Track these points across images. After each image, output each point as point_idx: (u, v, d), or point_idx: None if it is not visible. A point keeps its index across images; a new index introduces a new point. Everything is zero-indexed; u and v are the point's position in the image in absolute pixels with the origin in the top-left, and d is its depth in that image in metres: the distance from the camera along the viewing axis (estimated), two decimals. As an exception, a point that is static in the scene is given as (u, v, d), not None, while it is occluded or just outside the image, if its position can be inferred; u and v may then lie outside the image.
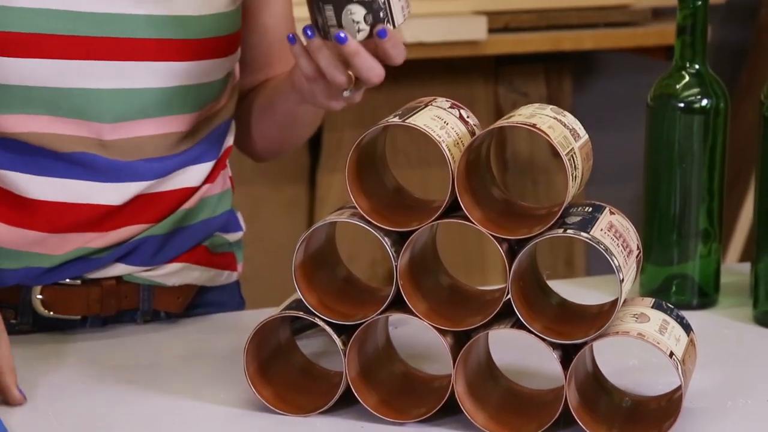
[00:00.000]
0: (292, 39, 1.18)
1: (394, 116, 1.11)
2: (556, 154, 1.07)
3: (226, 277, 1.41)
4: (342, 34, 1.13)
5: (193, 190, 1.33)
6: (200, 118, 1.32)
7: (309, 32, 1.15)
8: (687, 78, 1.36)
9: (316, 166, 2.75)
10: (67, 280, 1.31)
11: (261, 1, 1.37)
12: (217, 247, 1.39)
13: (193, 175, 1.32)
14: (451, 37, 2.42)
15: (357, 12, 1.11)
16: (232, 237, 1.41)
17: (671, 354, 1.07)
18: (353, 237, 1.15)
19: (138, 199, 1.29)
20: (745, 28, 2.98)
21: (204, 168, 1.33)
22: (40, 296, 1.31)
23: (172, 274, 1.34)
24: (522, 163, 2.85)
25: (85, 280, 1.31)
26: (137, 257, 1.31)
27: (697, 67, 1.36)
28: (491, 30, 2.48)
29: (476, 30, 2.44)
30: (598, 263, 1.10)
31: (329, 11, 1.11)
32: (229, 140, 1.38)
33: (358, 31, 1.12)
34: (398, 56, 1.16)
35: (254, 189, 2.68)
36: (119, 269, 1.32)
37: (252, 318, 1.35)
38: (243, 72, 1.40)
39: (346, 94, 1.19)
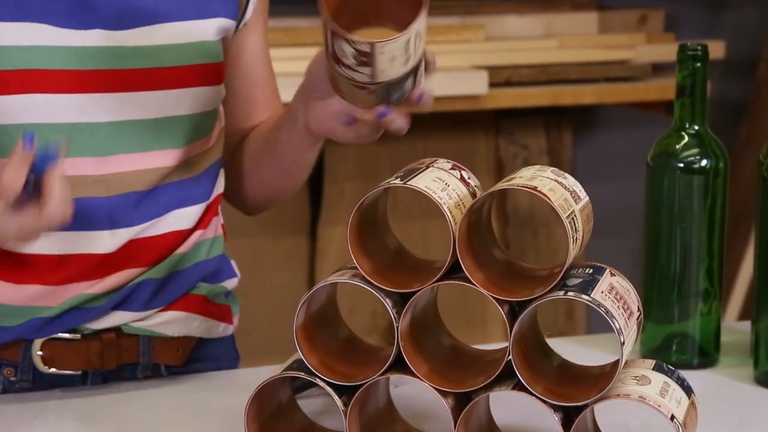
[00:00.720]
0: (350, 122, 1.22)
1: (396, 178, 1.12)
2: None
3: (222, 329, 1.41)
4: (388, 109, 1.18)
5: (185, 234, 1.34)
6: (191, 153, 1.33)
7: (385, 112, 1.18)
8: (686, 138, 1.37)
9: (317, 218, 2.75)
10: (67, 335, 1.31)
11: (240, 44, 1.39)
12: (214, 297, 1.39)
13: (184, 217, 1.34)
14: (452, 92, 2.44)
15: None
16: (229, 284, 1.41)
17: (672, 417, 1.07)
18: (353, 289, 1.16)
19: (131, 244, 1.30)
20: (744, 83, 2.99)
21: (195, 210, 1.35)
22: (40, 352, 1.31)
23: (171, 322, 1.35)
24: (522, 216, 2.86)
25: (84, 335, 1.32)
26: (134, 303, 1.32)
27: (696, 128, 1.37)
28: (492, 84, 2.50)
29: (477, 84, 2.46)
30: (599, 316, 1.10)
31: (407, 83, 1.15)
32: (220, 186, 1.39)
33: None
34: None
35: (254, 240, 2.69)
36: (117, 318, 1.32)
37: (251, 375, 1.34)
38: (229, 120, 1.42)
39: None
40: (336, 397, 1.11)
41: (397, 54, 1.08)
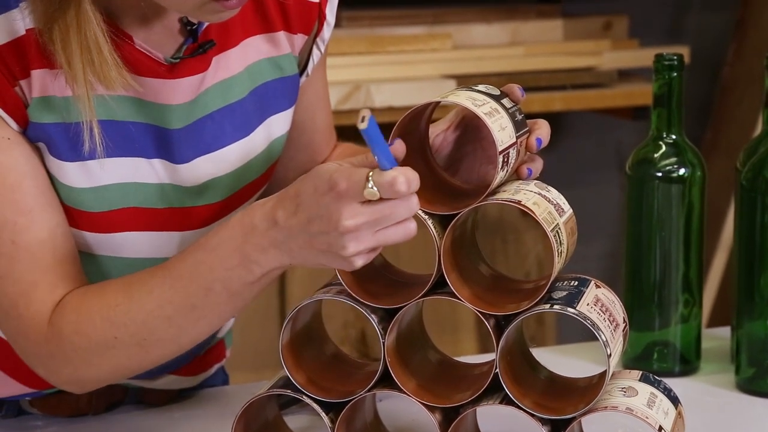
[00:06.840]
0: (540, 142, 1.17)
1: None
2: (525, 213, 1.07)
3: (215, 369, 1.40)
4: None
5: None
6: None
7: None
8: (664, 148, 1.38)
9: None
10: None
11: (299, 98, 1.28)
12: (208, 344, 1.37)
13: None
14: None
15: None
16: (225, 327, 1.39)
17: (660, 428, 1.07)
18: (325, 299, 1.14)
19: None
20: (708, 87, 3.01)
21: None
22: (28, 398, 1.29)
23: (166, 383, 1.33)
24: (491, 223, 2.86)
25: None
26: (137, 376, 1.29)
27: (674, 137, 1.38)
28: (461, 93, 2.49)
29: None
30: (570, 323, 1.10)
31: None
32: None
33: None
34: None
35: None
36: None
37: (237, 392, 1.34)
38: (289, 165, 1.31)
39: None
40: (323, 414, 1.11)
41: None
